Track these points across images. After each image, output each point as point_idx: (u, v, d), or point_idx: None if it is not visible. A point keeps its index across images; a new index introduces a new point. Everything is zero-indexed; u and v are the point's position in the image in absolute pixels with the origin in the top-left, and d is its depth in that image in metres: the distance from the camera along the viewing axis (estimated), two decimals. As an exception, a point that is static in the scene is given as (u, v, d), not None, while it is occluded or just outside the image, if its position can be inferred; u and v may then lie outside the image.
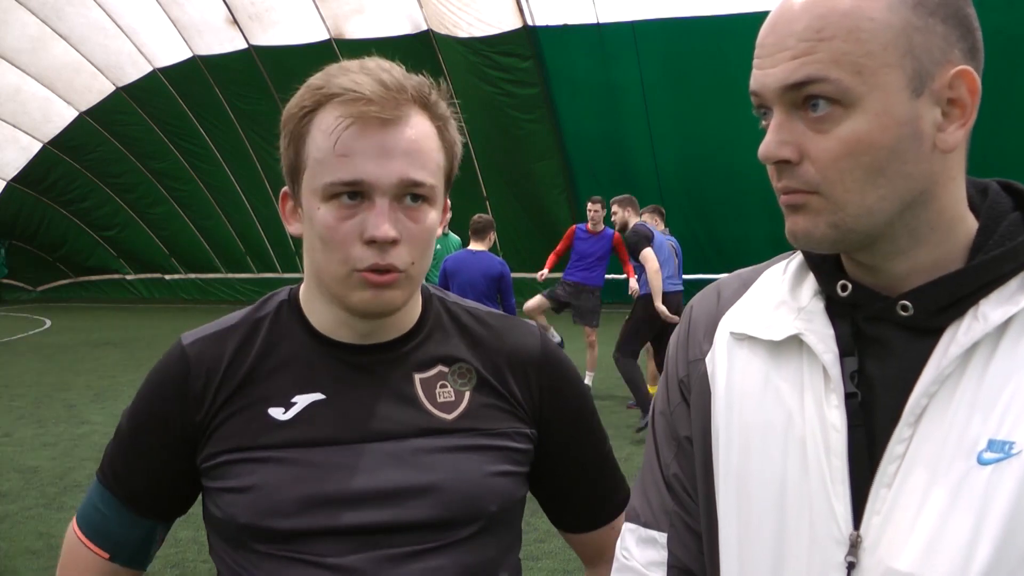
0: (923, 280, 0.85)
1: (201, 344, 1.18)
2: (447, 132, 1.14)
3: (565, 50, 15.12)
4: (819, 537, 0.85)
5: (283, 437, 1.12)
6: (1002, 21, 10.85)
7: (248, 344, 1.17)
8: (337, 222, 1.07)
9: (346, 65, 1.10)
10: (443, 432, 1.15)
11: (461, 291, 6.83)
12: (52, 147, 20.70)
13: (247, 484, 1.11)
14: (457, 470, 1.14)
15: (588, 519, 1.32)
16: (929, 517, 0.79)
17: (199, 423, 1.15)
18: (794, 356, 0.91)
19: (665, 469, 1.03)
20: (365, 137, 1.05)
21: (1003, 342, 0.81)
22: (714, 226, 15.46)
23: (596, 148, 15.71)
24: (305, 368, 1.16)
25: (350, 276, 1.08)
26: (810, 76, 0.81)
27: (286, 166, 1.12)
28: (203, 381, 1.15)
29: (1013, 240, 0.84)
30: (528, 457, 1.22)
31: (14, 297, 23.91)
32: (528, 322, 1.31)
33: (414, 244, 1.09)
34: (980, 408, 0.80)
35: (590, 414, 1.31)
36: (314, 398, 1.14)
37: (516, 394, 1.21)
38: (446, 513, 1.12)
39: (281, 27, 16.55)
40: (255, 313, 1.21)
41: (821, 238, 0.85)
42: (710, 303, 1.03)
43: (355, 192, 1.06)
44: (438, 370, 1.19)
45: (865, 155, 0.81)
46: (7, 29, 17.91)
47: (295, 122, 1.09)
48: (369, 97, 1.04)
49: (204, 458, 1.15)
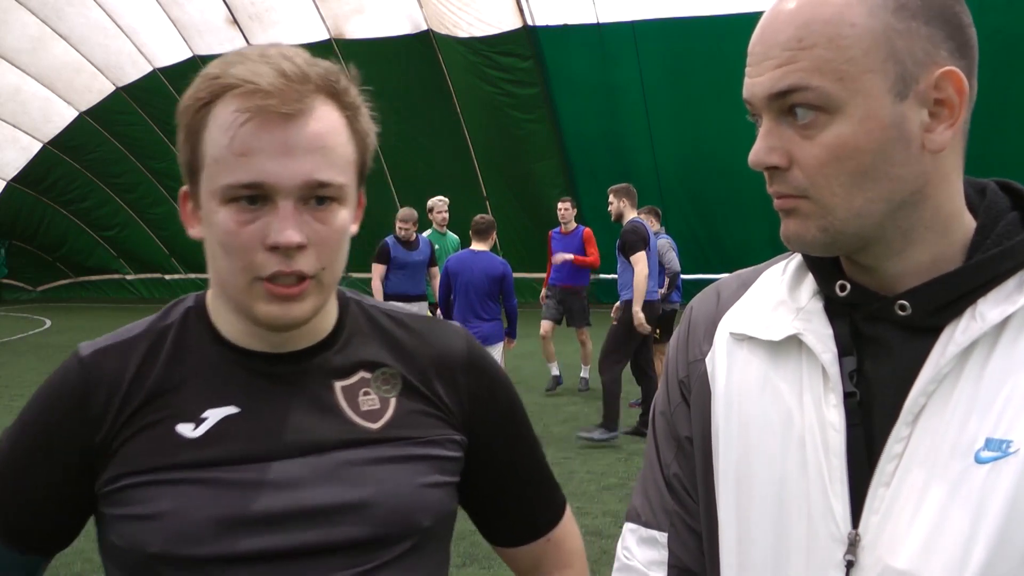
0: (921, 280, 0.86)
1: (102, 356, 1.06)
2: (358, 122, 1.03)
3: (565, 50, 15.12)
4: (818, 536, 0.86)
5: (194, 456, 1.02)
6: (1002, 21, 10.84)
7: (153, 356, 1.07)
8: (237, 227, 0.97)
9: (245, 52, 1.00)
10: (369, 443, 1.07)
11: (463, 291, 6.84)
12: (52, 147, 20.71)
13: (157, 510, 1.00)
14: (387, 483, 1.05)
15: (523, 532, 1.24)
16: (927, 515, 0.80)
17: (99, 444, 1.03)
18: (793, 356, 0.92)
19: (665, 469, 1.03)
20: (265, 134, 0.95)
21: (1001, 341, 0.81)
22: (714, 226, 15.47)
23: (596, 148, 15.71)
24: (215, 380, 1.06)
25: (252, 286, 0.99)
26: (792, 85, 0.82)
27: (183, 163, 1.03)
28: (104, 397, 1.04)
29: (1011, 239, 0.84)
30: (459, 466, 1.14)
31: (14, 297, 23.91)
32: (452, 323, 1.24)
33: (323, 248, 0.99)
34: (978, 407, 0.80)
35: (521, 418, 1.23)
36: (227, 412, 1.04)
37: (444, 399, 1.13)
38: (378, 530, 1.04)
39: (281, 27, 16.55)
40: (160, 322, 1.10)
41: (812, 241, 0.86)
42: (710, 304, 1.04)
43: (256, 194, 0.96)
44: (360, 376, 1.10)
45: (850, 160, 0.82)
46: (7, 29, 17.92)
47: (190, 115, 0.99)
48: (268, 89, 0.94)
49: (104, 482, 1.03)
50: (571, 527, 1.28)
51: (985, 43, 0.87)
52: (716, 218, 15.39)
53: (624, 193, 7.64)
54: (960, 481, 0.79)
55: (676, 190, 15.26)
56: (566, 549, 1.27)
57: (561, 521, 1.26)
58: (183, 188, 1.05)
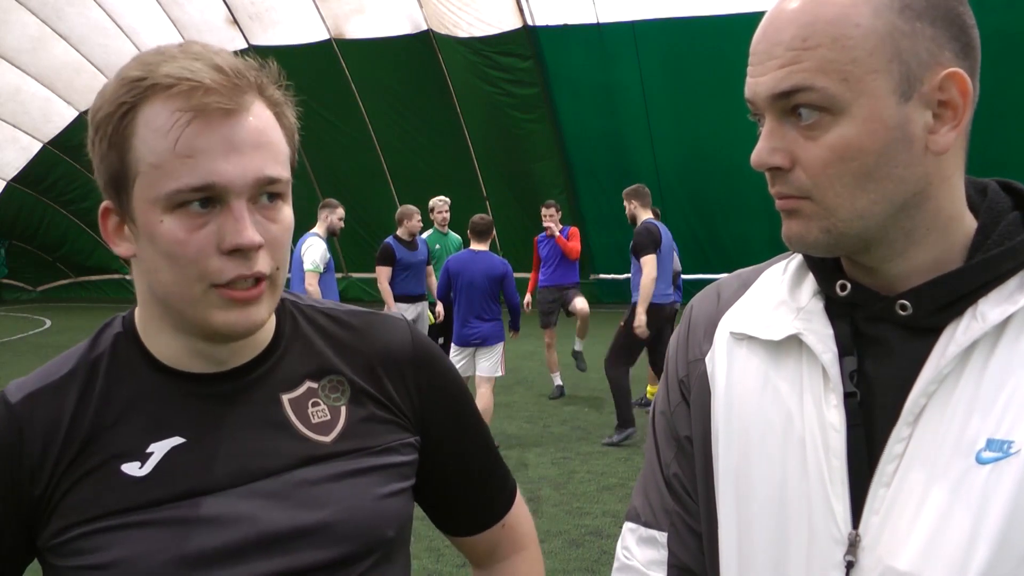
0: (922, 280, 0.86)
1: (33, 402, 0.99)
2: (286, 118, 0.99)
3: (565, 50, 15.12)
4: (818, 536, 0.86)
5: (144, 496, 0.96)
6: (1002, 21, 10.84)
7: (86, 394, 1.00)
8: (188, 234, 0.91)
9: (165, 50, 0.94)
10: (324, 458, 1.03)
11: (464, 292, 6.84)
12: (52, 147, 20.72)
13: (112, 558, 0.94)
14: (345, 501, 1.02)
15: (479, 521, 1.23)
16: (928, 516, 0.80)
17: (39, 497, 0.97)
18: (793, 356, 0.92)
19: (665, 469, 1.03)
20: (210, 132, 0.90)
21: (1002, 341, 0.81)
22: (714, 226, 15.46)
23: (596, 148, 15.70)
24: (156, 410, 1.00)
25: (206, 294, 0.93)
26: (796, 85, 0.82)
27: (106, 175, 0.95)
28: (40, 446, 0.97)
29: (1012, 239, 0.84)
30: (414, 468, 1.11)
31: (14, 297, 23.92)
32: (394, 315, 1.19)
33: (276, 247, 0.95)
34: (979, 407, 0.80)
35: (470, 408, 1.21)
36: (172, 443, 0.99)
37: (394, 398, 1.10)
38: (343, 550, 1.01)
39: (281, 27, 16.55)
40: (89, 353, 1.04)
41: (814, 242, 0.86)
42: (710, 303, 1.04)
43: (207, 196, 0.91)
44: (307, 387, 1.06)
45: (854, 161, 0.82)
46: (7, 29, 17.93)
47: (114, 122, 0.92)
48: (208, 85, 0.89)
49: (50, 535, 0.97)
50: (523, 510, 1.29)
51: (985, 43, 0.87)
52: (716, 218, 15.38)
53: (633, 195, 7.60)
54: (961, 482, 0.79)
55: (676, 190, 15.25)
56: (520, 532, 1.27)
57: (513, 506, 1.26)
58: (103, 204, 0.98)
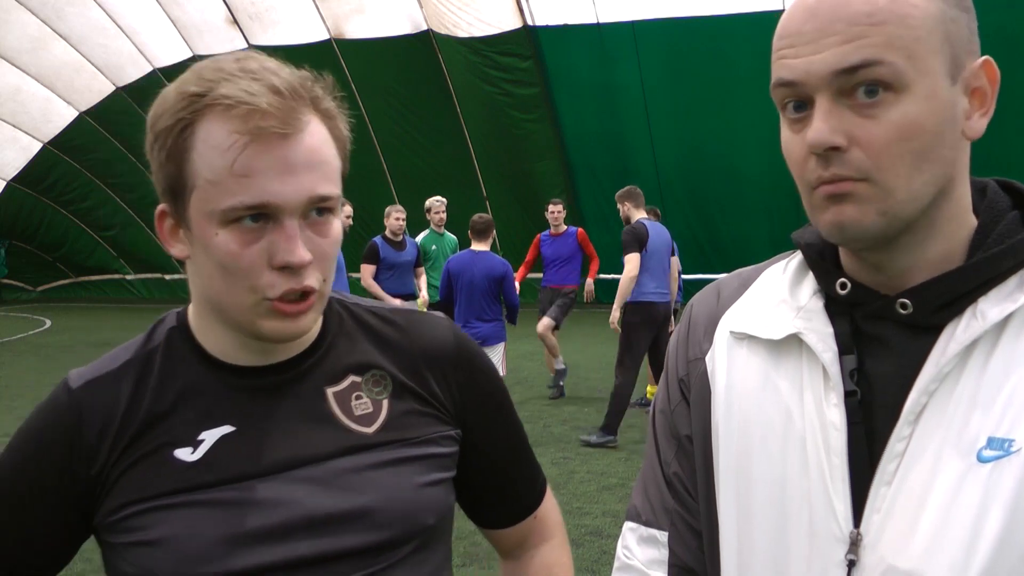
0: (924, 277, 0.86)
1: (93, 388, 1.06)
2: (339, 131, 1.03)
3: (565, 50, 15.12)
4: (819, 535, 0.86)
5: (194, 479, 1.02)
6: (1002, 21, 10.85)
7: (143, 383, 1.06)
8: (241, 248, 0.96)
9: (223, 67, 0.97)
10: (366, 448, 1.07)
11: (465, 292, 6.84)
12: (52, 147, 20.71)
13: (163, 535, 1.01)
14: (388, 488, 1.06)
15: (512, 514, 1.28)
16: (929, 515, 0.80)
17: (95, 476, 1.03)
18: (794, 355, 0.91)
19: (666, 468, 1.03)
20: (266, 154, 0.94)
21: (1002, 340, 0.81)
22: (714, 226, 15.46)
23: (596, 148, 15.71)
24: (207, 400, 1.06)
25: (259, 305, 0.99)
26: (866, 59, 0.80)
27: (164, 183, 1.00)
28: (98, 430, 1.03)
29: (1011, 238, 0.84)
30: (454, 460, 1.15)
31: (14, 297, 23.92)
32: (437, 314, 1.24)
33: (324, 260, 1.00)
34: (979, 406, 0.80)
35: (507, 405, 1.25)
36: (222, 432, 1.05)
37: (436, 393, 1.14)
38: (383, 535, 1.05)
39: (281, 27, 16.55)
40: (145, 346, 1.10)
41: (870, 226, 0.83)
42: (710, 302, 1.04)
43: (260, 214, 0.96)
44: (350, 380, 1.10)
45: (916, 139, 0.81)
46: (7, 29, 17.92)
47: (174, 136, 0.97)
48: (265, 110, 0.93)
49: (106, 513, 1.03)
50: (552, 502, 1.33)
51: (985, 43, 0.88)
52: (716, 218, 15.38)
53: (625, 196, 7.55)
54: (962, 480, 0.79)
55: (676, 190, 15.26)
56: (549, 522, 1.32)
57: (543, 500, 1.31)
58: (160, 207, 1.03)
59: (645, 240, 7.18)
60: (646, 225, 7.31)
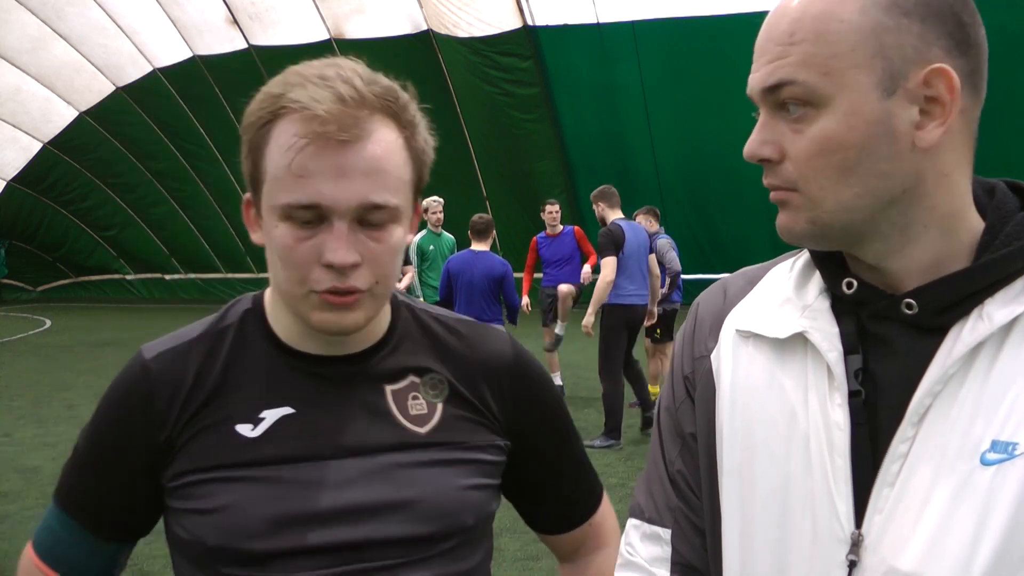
0: (925, 279, 0.86)
1: (165, 359, 1.12)
2: (415, 141, 1.07)
3: (565, 50, 15.13)
4: (821, 535, 0.86)
5: (252, 455, 1.08)
6: (1002, 21, 10.86)
7: (213, 358, 1.12)
8: (295, 243, 1.02)
9: (304, 72, 1.03)
10: (417, 446, 1.12)
11: (465, 292, 6.84)
12: (52, 147, 20.72)
13: (216, 505, 1.06)
14: (432, 485, 1.11)
15: (566, 521, 1.32)
16: (932, 517, 0.80)
17: (163, 442, 1.10)
18: (799, 354, 0.91)
19: (669, 465, 1.03)
20: (322, 157, 1.00)
21: (1008, 342, 0.81)
22: (714, 226, 15.47)
23: (596, 148, 15.71)
24: (272, 382, 1.12)
25: (308, 296, 1.04)
26: (780, 80, 0.84)
27: (246, 174, 1.08)
28: (167, 398, 1.10)
29: (1020, 240, 0.84)
30: (500, 469, 1.20)
31: (14, 297, 23.93)
32: (499, 328, 1.29)
33: (376, 264, 1.04)
34: (984, 408, 0.80)
35: (563, 416, 1.30)
36: (283, 413, 1.10)
37: (489, 405, 1.19)
38: (423, 529, 1.10)
39: (281, 27, 16.56)
40: (219, 323, 1.16)
41: (800, 233, 0.88)
42: (716, 300, 1.04)
43: (312, 214, 1.01)
44: (409, 381, 1.16)
45: (836, 154, 0.83)
46: (7, 29, 17.92)
47: (253, 132, 1.04)
48: (325, 116, 0.98)
49: (169, 478, 1.10)
50: (608, 509, 1.37)
51: (986, 43, 0.87)
52: (716, 218, 15.39)
53: (599, 197, 7.45)
54: (965, 483, 0.78)
55: (676, 190, 15.27)
56: (605, 529, 1.36)
57: (600, 506, 1.35)
58: (246, 195, 1.11)
59: (622, 243, 7.08)
60: (622, 226, 7.20)
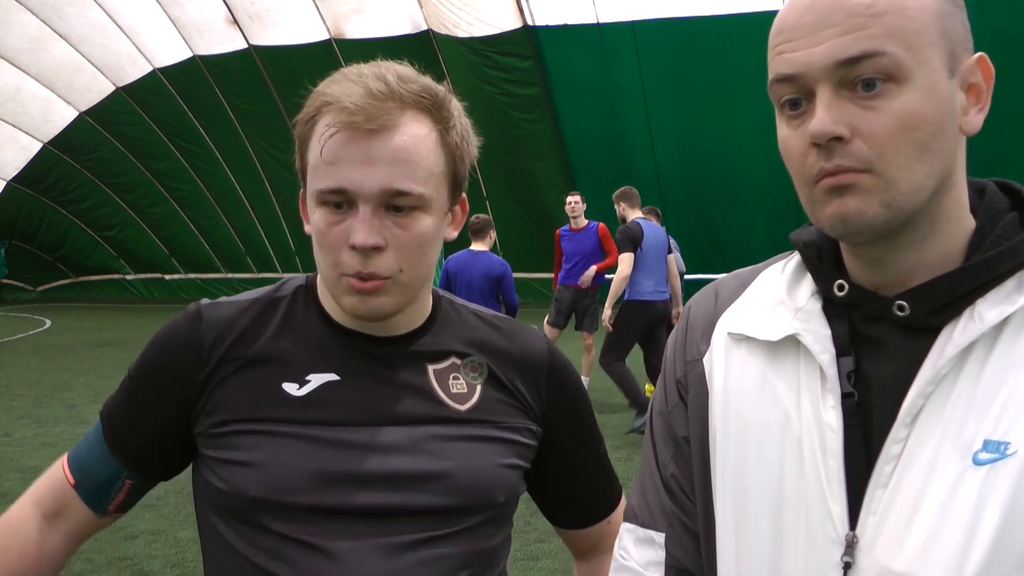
0: (924, 278, 0.86)
1: (218, 308, 1.20)
2: (450, 136, 1.13)
3: (565, 50, 15.12)
4: (815, 537, 0.86)
5: (297, 413, 1.13)
6: (1002, 21, 10.86)
7: (265, 320, 1.19)
8: (328, 227, 1.09)
9: (347, 72, 1.11)
10: (456, 422, 1.17)
11: (463, 292, 6.84)
12: (52, 147, 20.71)
13: (258, 458, 1.11)
14: (469, 459, 1.16)
15: (585, 516, 1.36)
16: (925, 517, 0.79)
17: (201, 383, 1.15)
18: (791, 356, 0.91)
19: (663, 469, 1.03)
20: (351, 145, 1.07)
21: (1000, 342, 0.81)
22: (714, 226, 15.47)
23: (596, 148, 15.71)
24: (319, 350, 1.17)
25: (339, 280, 1.10)
26: (866, 50, 0.80)
27: (298, 167, 1.16)
28: (212, 339, 1.16)
29: (1010, 240, 0.84)
30: (532, 453, 1.24)
31: (14, 297, 23.93)
32: (533, 327, 1.33)
33: (401, 251, 1.10)
34: (976, 408, 0.80)
35: (590, 418, 1.35)
36: (328, 378, 1.15)
37: (524, 394, 1.24)
38: (456, 500, 1.14)
39: (281, 27, 16.56)
40: (274, 293, 1.23)
41: (873, 218, 0.82)
42: (708, 303, 1.03)
43: (342, 199, 1.08)
44: (451, 362, 1.21)
45: (917, 130, 0.81)
46: (7, 29, 17.92)
47: (301, 127, 1.13)
48: (352, 108, 1.06)
49: (208, 424, 1.14)
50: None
51: (985, 43, 0.88)
52: (716, 218, 15.39)
53: (620, 197, 7.63)
54: (958, 483, 0.78)
55: (676, 190, 15.26)
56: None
57: (617, 507, 1.38)
58: (301, 191, 1.18)
59: (639, 239, 7.22)
60: (641, 224, 7.34)
